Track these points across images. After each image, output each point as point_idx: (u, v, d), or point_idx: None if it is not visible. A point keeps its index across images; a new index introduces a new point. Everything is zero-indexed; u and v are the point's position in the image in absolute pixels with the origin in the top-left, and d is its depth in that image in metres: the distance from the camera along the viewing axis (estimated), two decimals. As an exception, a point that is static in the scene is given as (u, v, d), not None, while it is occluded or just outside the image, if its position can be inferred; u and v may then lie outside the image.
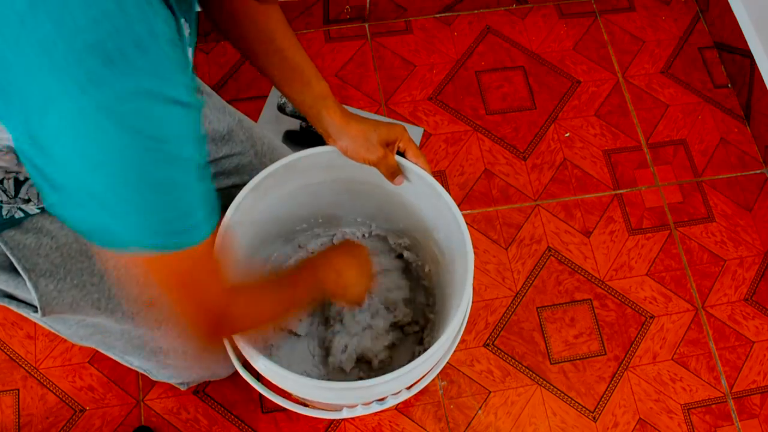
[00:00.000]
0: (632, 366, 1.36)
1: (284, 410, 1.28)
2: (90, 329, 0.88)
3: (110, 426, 1.26)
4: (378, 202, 1.06)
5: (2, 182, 0.69)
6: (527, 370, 1.34)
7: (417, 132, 1.51)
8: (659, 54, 1.65)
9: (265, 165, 1.06)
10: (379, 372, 1.11)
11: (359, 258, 0.93)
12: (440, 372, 1.28)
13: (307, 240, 1.16)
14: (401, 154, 0.91)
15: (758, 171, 1.55)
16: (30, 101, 0.45)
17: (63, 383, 1.28)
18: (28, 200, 0.73)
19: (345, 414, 0.92)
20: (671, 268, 1.44)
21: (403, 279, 1.17)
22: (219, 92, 1.50)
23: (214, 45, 1.56)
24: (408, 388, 0.91)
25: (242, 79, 1.53)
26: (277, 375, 0.82)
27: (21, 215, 0.74)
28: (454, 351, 1.33)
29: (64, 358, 1.29)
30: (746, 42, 1.57)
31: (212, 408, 1.27)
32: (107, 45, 0.44)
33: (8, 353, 1.29)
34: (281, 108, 1.40)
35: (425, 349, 1.10)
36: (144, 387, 1.28)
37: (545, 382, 1.33)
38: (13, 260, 0.74)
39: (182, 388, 1.23)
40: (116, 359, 1.04)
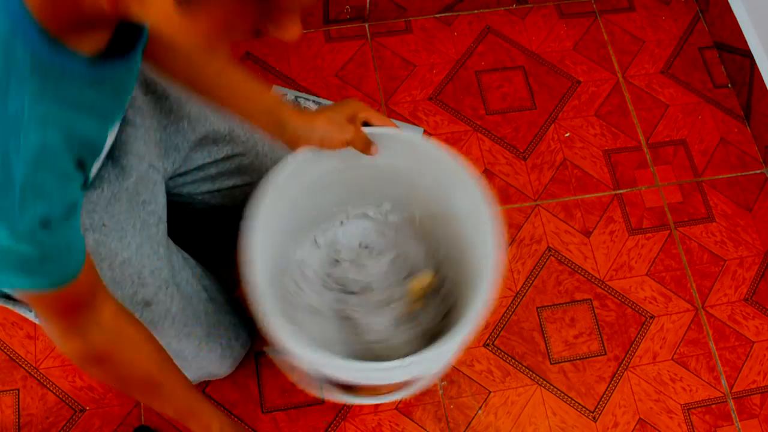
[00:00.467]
0: (632, 366, 1.36)
1: (284, 410, 1.28)
2: None
3: (110, 426, 1.26)
4: (394, 184, 1.06)
5: None
6: (527, 370, 1.34)
7: (417, 132, 1.51)
8: (659, 54, 1.65)
9: (267, 165, 1.06)
10: None
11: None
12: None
13: (323, 232, 1.16)
14: (367, 124, 0.92)
15: (758, 171, 1.55)
16: None
17: (63, 383, 1.28)
18: None
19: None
20: (671, 268, 1.44)
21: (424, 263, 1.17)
22: (219, 92, 1.50)
23: (214, 45, 1.56)
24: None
25: (242, 79, 1.53)
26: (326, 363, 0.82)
27: None
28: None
29: (64, 358, 1.29)
30: (746, 42, 1.57)
31: (212, 408, 1.27)
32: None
33: (8, 353, 1.29)
34: (281, 108, 1.40)
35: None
36: (144, 387, 1.28)
37: (545, 382, 1.34)
38: None
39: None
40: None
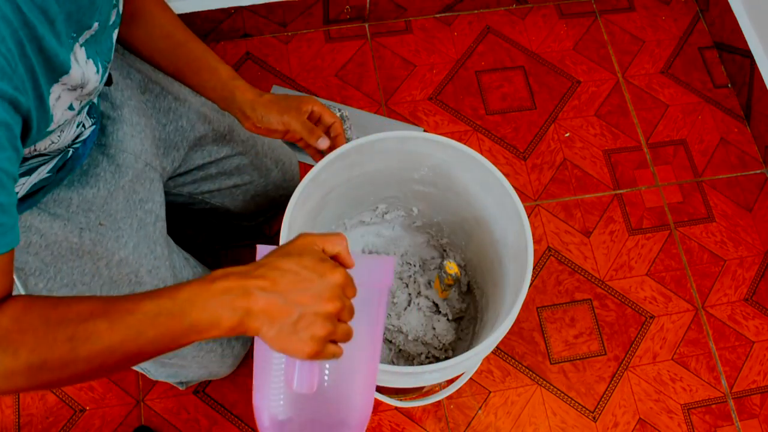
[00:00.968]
0: (632, 366, 1.36)
1: (284, 410, 1.28)
2: None
3: (110, 426, 1.26)
4: (436, 193, 1.06)
5: None
6: (527, 370, 1.34)
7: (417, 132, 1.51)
8: (659, 54, 1.65)
9: (266, 165, 1.06)
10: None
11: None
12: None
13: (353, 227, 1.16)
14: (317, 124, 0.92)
15: (758, 171, 1.55)
16: None
17: (63, 383, 1.28)
18: None
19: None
20: (671, 268, 1.44)
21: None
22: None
23: (214, 45, 1.56)
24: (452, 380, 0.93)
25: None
26: None
27: None
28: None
29: (64, 358, 1.29)
30: (746, 42, 1.57)
31: (212, 408, 1.27)
32: None
33: (8, 353, 1.29)
34: (281, 108, 1.40)
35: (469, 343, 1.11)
36: (144, 387, 1.28)
37: (545, 382, 1.33)
38: None
39: (181, 388, 1.23)
40: None
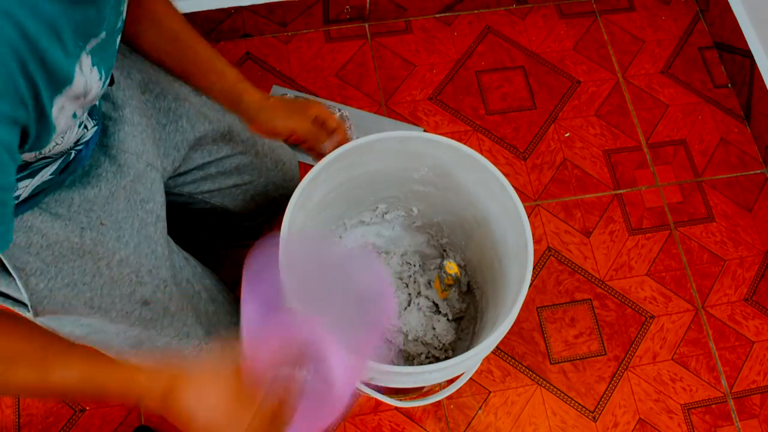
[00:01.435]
0: (632, 366, 1.36)
1: (284, 410, 1.28)
2: (86, 329, 0.88)
3: (110, 426, 1.26)
4: (436, 194, 1.06)
5: None
6: (527, 370, 1.34)
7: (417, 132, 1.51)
8: (659, 54, 1.65)
9: (266, 165, 1.06)
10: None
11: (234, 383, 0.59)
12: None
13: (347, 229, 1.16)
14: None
15: (758, 171, 1.55)
16: None
17: (63, 383, 1.28)
18: None
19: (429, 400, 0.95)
20: (671, 268, 1.44)
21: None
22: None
23: (214, 45, 1.56)
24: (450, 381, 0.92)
25: (242, 79, 1.53)
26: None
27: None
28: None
29: (64, 358, 1.29)
30: (746, 42, 1.57)
31: (212, 408, 1.27)
32: None
33: (8, 353, 1.29)
34: (281, 108, 1.39)
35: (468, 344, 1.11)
36: (144, 387, 1.28)
37: (545, 382, 1.33)
38: (3, 259, 0.73)
39: None
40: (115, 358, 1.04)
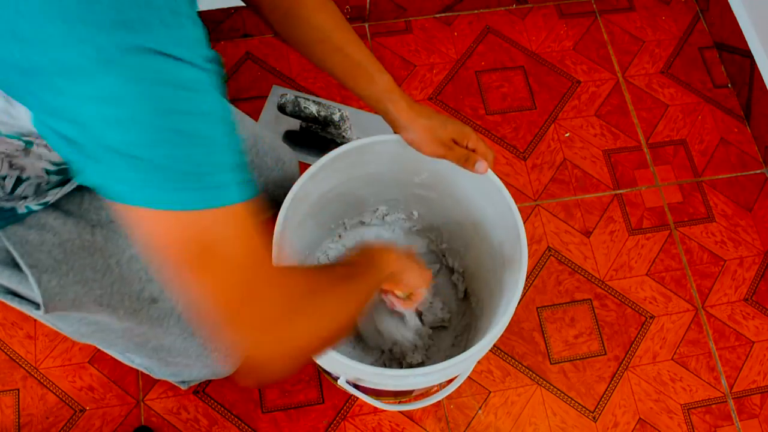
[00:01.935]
0: (632, 366, 1.36)
1: (284, 410, 1.28)
2: (92, 327, 0.88)
3: (110, 426, 1.26)
4: (436, 198, 1.06)
5: (4, 179, 0.69)
6: (527, 370, 1.34)
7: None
8: (659, 54, 1.65)
9: (267, 164, 1.06)
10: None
11: (415, 259, 0.90)
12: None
13: (325, 251, 1.16)
14: None
15: (758, 171, 1.55)
16: (51, 74, 0.46)
17: (63, 383, 1.28)
18: (25, 197, 0.73)
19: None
20: (671, 268, 1.44)
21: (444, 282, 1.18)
22: (219, 92, 1.50)
23: (214, 45, 1.56)
24: (441, 386, 0.92)
25: (242, 80, 1.53)
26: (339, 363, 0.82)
27: (23, 210, 0.74)
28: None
29: (64, 358, 1.29)
30: (746, 42, 1.57)
31: (212, 408, 1.27)
32: (132, 18, 0.46)
33: (8, 353, 1.29)
34: (281, 108, 1.39)
35: (460, 349, 1.10)
36: (144, 387, 1.28)
37: (545, 382, 1.33)
38: (16, 256, 0.74)
39: (183, 387, 1.23)
40: (118, 357, 1.04)
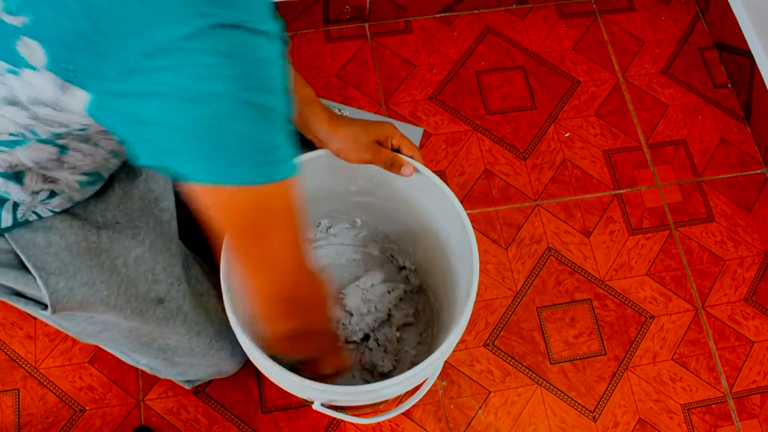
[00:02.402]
0: (632, 366, 1.36)
1: (284, 410, 1.28)
2: (98, 327, 0.88)
3: (110, 426, 1.26)
4: (376, 203, 1.06)
5: (38, 193, 0.70)
6: (527, 370, 1.34)
7: (417, 132, 1.51)
8: (659, 54, 1.65)
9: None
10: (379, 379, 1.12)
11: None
12: (440, 372, 1.28)
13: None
14: (397, 151, 0.90)
15: (758, 171, 1.55)
16: (137, 54, 0.47)
17: (63, 383, 1.28)
18: (46, 198, 0.73)
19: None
20: (671, 268, 1.44)
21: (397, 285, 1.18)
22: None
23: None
24: (410, 393, 0.91)
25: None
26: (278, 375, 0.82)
27: (34, 218, 0.74)
28: (454, 351, 1.34)
29: (64, 358, 1.29)
30: (746, 42, 1.57)
31: (212, 408, 1.27)
32: None
33: (8, 353, 1.29)
34: (281, 108, 1.39)
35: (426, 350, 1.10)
36: (144, 387, 1.28)
37: (545, 382, 1.33)
38: (24, 259, 0.74)
39: (187, 387, 1.23)
40: (123, 358, 1.04)
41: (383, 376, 1.12)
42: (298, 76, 0.86)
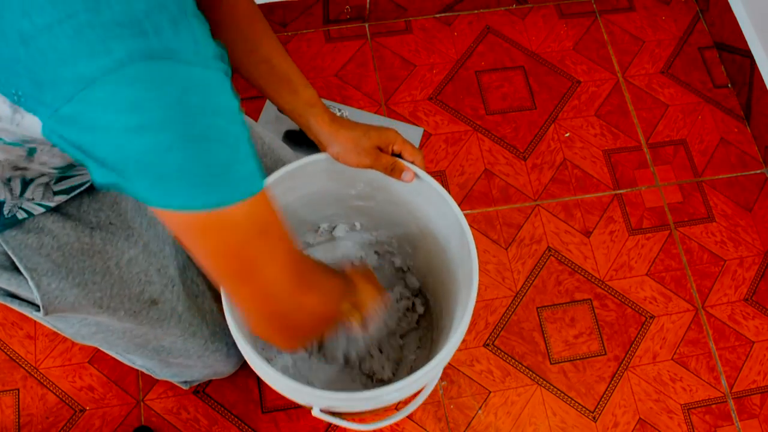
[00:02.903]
0: (632, 366, 1.36)
1: (284, 410, 1.28)
2: (92, 328, 0.88)
3: (110, 426, 1.26)
4: (376, 207, 1.06)
5: (10, 181, 0.69)
6: (527, 370, 1.34)
7: (417, 132, 1.51)
8: (659, 54, 1.65)
9: (266, 165, 1.06)
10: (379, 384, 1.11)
11: (373, 281, 0.94)
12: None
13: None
14: (399, 157, 0.90)
15: (758, 171, 1.55)
16: (67, 85, 0.46)
17: (63, 383, 1.28)
18: (32, 199, 0.73)
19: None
20: (671, 268, 1.44)
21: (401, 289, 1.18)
22: (219, 92, 1.50)
23: (214, 45, 1.56)
24: (412, 397, 0.91)
25: (241, 80, 1.53)
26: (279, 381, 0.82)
27: (24, 215, 0.74)
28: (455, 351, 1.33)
29: (64, 358, 1.29)
30: (746, 42, 1.57)
31: (212, 408, 1.27)
32: (143, 24, 0.46)
33: (8, 353, 1.29)
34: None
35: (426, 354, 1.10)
36: (144, 387, 1.28)
37: (545, 382, 1.33)
38: (15, 260, 0.74)
39: (184, 387, 1.23)
40: (119, 358, 1.04)
41: (382, 382, 1.11)
42: (301, 78, 0.85)
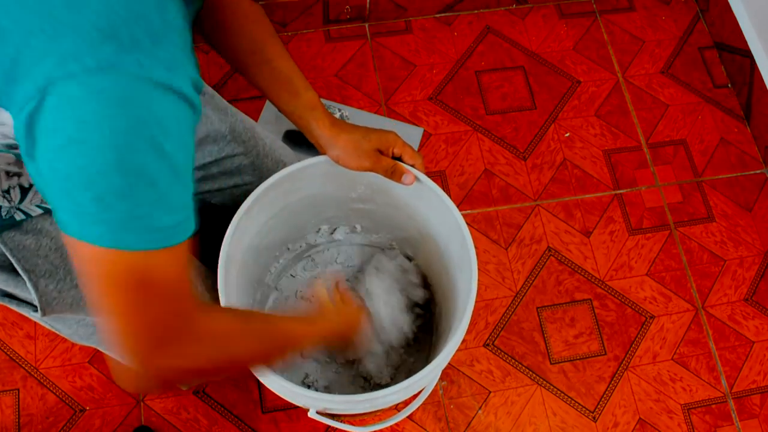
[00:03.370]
0: (632, 366, 1.36)
1: (284, 410, 1.28)
2: (90, 329, 0.88)
3: (110, 426, 1.26)
4: (376, 210, 1.06)
5: (9, 191, 0.69)
6: (527, 370, 1.34)
7: (417, 132, 1.51)
8: (659, 54, 1.65)
9: (267, 166, 1.06)
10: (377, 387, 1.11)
11: (358, 321, 0.96)
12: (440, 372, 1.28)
13: (275, 278, 1.16)
14: (399, 160, 0.90)
15: (758, 171, 1.55)
16: (32, 85, 0.44)
17: (63, 383, 1.28)
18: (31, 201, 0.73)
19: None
20: (671, 268, 1.44)
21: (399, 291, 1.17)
22: (219, 92, 1.50)
23: (214, 45, 1.56)
24: (411, 399, 0.91)
25: (242, 80, 1.53)
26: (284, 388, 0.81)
27: (22, 217, 0.74)
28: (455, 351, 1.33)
29: (64, 358, 1.29)
30: (746, 42, 1.57)
31: (212, 408, 1.27)
32: (120, 32, 0.44)
33: (8, 353, 1.29)
34: (281, 108, 1.39)
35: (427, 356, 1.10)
36: (144, 387, 1.29)
37: (545, 382, 1.34)
38: (13, 261, 0.74)
39: (183, 388, 1.23)
40: (117, 359, 1.04)
41: (379, 386, 1.11)
42: (302, 80, 0.85)
